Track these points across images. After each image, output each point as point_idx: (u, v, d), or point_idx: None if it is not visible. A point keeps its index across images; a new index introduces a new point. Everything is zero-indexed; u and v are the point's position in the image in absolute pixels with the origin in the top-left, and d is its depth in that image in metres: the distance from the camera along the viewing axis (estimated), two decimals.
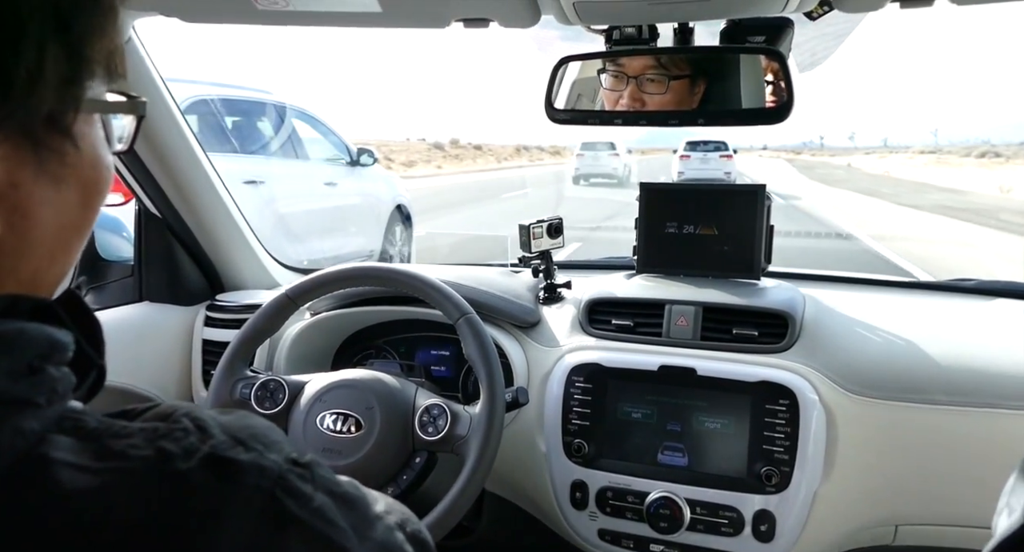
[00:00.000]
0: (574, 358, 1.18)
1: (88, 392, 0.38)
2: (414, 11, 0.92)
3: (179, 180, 1.31)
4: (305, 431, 1.04)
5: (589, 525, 1.14)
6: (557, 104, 1.07)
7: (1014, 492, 0.36)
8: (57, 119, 0.35)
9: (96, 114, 0.39)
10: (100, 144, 0.39)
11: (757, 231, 1.26)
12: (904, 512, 1.06)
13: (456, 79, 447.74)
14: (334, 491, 0.37)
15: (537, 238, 1.33)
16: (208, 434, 0.34)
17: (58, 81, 0.34)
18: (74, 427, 0.33)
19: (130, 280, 1.42)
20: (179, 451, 0.32)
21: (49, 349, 0.34)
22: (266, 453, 0.35)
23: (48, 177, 0.35)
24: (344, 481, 0.39)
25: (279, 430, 0.38)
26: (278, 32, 1.24)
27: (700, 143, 16.63)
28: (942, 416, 1.03)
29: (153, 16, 1.03)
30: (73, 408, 0.34)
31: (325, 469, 0.38)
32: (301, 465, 0.36)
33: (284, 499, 0.33)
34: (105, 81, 0.38)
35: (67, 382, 0.34)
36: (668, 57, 1.03)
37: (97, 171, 0.39)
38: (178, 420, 0.34)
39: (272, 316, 1.12)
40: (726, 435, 1.09)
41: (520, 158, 35.60)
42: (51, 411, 0.33)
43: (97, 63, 0.37)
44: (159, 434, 0.33)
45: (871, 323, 1.19)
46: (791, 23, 0.97)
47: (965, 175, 21.60)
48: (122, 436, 0.33)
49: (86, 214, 0.39)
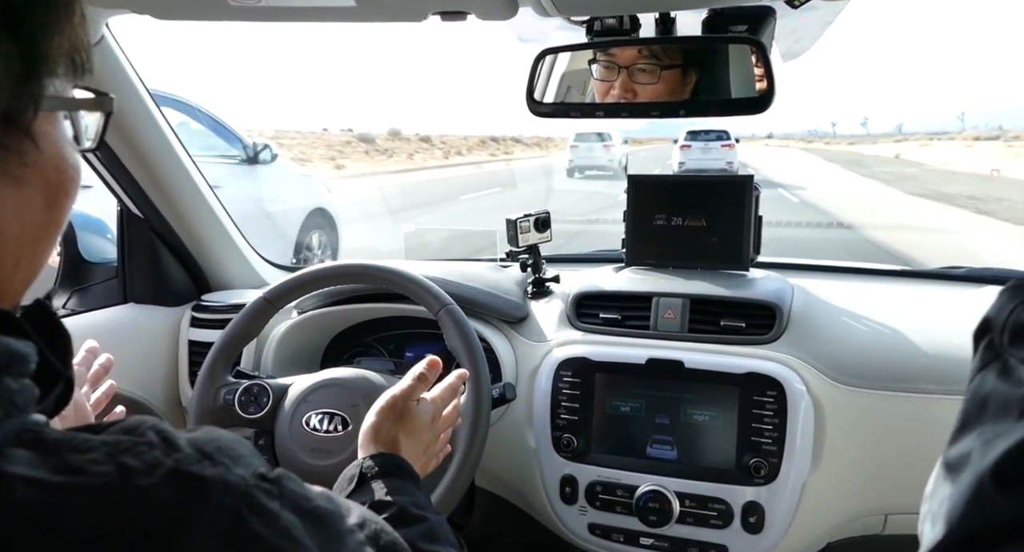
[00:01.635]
0: (562, 352, 1.17)
1: (56, 403, 0.37)
2: (390, 5, 0.91)
3: (160, 180, 1.29)
4: (291, 433, 1.04)
5: (579, 519, 1.13)
6: (545, 97, 1.06)
7: (934, 496, 0.35)
8: (14, 118, 0.34)
9: (60, 112, 0.38)
10: (64, 143, 0.38)
11: (745, 222, 1.25)
12: (893, 501, 1.06)
13: (416, 67, 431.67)
14: (303, 507, 0.36)
15: (524, 233, 1.32)
16: (173, 448, 0.33)
17: (12, 79, 0.33)
18: (34, 440, 0.32)
19: (114, 282, 1.41)
20: (141, 466, 0.32)
21: (7, 360, 0.33)
22: (233, 468, 0.34)
23: (7, 178, 0.34)
24: (316, 494, 0.38)
25: (247, 444, 0.37)
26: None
27: (701, 132, 16.09)
28: (930, 405, 1.03)
29: (125, 14, 1.01)
30: (35, 421, 0.34)
31: (296, 483, 0.37)
32: (269, 480, 0.35)
33: (249, 517, 0.33)
34: (70, 78, 0.37)
35: (28, 394, 0.33)
36: (660, 46, 1.02)
37: (61, 171, 0.38)
38: (143, 433, 0.34)
39: (251, 320, 1.11)
40: (714, 427, 1.08)
41: (483, 152, 31.25)
42: (9, 424, 0.32)
43: (57, 60, 0.36)
44: (121, 448, 0.32)
45: (860, 313, 1.18)
46: (773, 12, 0.96)
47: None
48: (82, 450, 0.32)
49: (52, 215, 0.38)
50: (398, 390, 0.82)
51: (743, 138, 19.09)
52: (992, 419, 0.33)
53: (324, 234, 4.98)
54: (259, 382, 1.08)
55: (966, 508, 0.31)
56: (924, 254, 6.39)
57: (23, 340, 0.34)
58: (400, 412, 0.80)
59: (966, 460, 0.33)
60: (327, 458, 1.01)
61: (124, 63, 1.15)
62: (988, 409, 0.34)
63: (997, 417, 0.33)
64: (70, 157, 0.38)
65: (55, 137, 0.37)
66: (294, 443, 1.03)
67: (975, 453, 0.33)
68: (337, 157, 21.65)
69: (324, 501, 0.38)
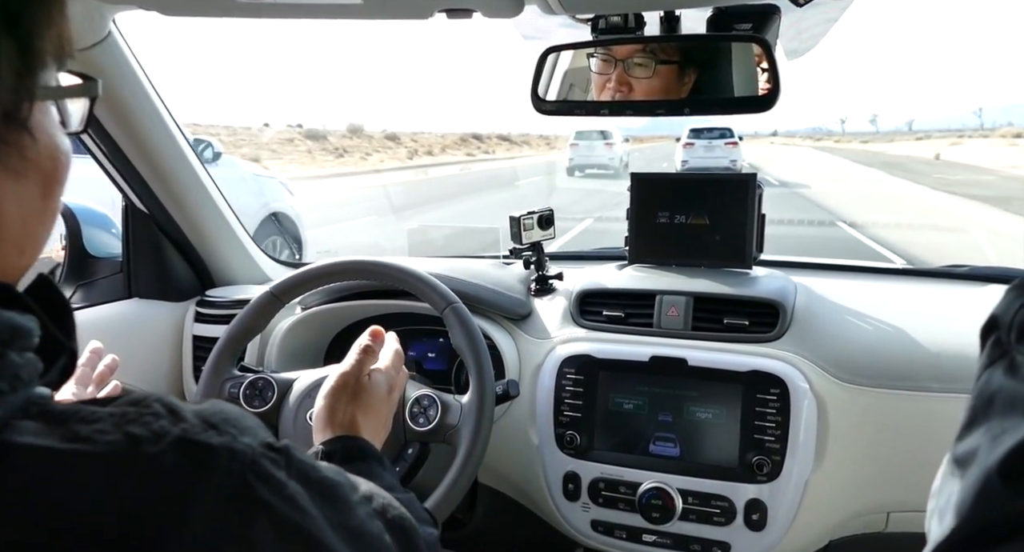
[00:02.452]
0: (565, 350, 1.17)
1: (60, 376, 0.37)
2: (396, 2, 0.91)
3: (165, 175, 1.30)
4: (296, 427, 1.04)
5: (582, 516, 1.14)
6: (547, 95, 1.06)
7: (942, 493, 0.35)
8: (13, 114, 0.34)
9: (48, 100, 0.38)
10: (55, 130, 0.38)
11: (748, 220, 1.25)
12: (896, 499, 1.07)
13: (394, 61, 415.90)
14: (310, 477, 0.36)
15: (528, 230, 1.32)
16: (179, 418, 0.33)
17: (12, 76, 0.33)
18: (41, 412, 0.32)
19: (119, 277, 1.42)
20: (148, 435, 0.32)
21: (10, 335, 0.33)
22: (239, 437, 0.34)
23: (8, 172, 0.35)
24: (324, 466, 0.38)
25: (254, 417, 0.37)
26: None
27: (704, 130, 15.88)
28: (933, 403, 1.03)
29: (133, 10, 1.01)
30: (40, 394, 0.34)
31: (303, 453, 0.37)
32: (276, 450, 0.35)
33: (255, 484, 0.33)
34: (56, 66, 0.38)
35: (32, 368, 0.34)
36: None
37: (55, 160, 0.38)
38: (149, 405, 0.34)
39: (257, 314, 1.11)
40: (717, 425, 1.09)
41: (460, 151, 27.40)
42: (15, 398, 0.32)
43: (48, 52, 0.36)
44: (128, 418, 0.33)
45: (862, 311, 1.18)
46: (778, 10, 0.96)
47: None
48: (90, 421, 0.32)
49: (48, 204, 0.38)
50: (347, 367, 0.78)
51: (745, 136, 18.40)
52: (999, 415, 0.33)
53: (284, 242, 4.50)
54: (264, 376, 1.08)
55: (973, 503, 0.31)
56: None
57: (25, 314, 0.34)
58: (354, 390, 0.76)
59: (973, 456, 0.33)
60: None
61: (131, 59, 1.15)
62: (995, 405, 0.34)
63: (1004, 413, 0.33)
64: (62, 144, 0.39)
65: (47, 125, 0.37)
66: (298, 437, 1.03)
67: (982, 449, 0.33)
68: (266, 158, 18.48)
69: (332, 472, 0.38)
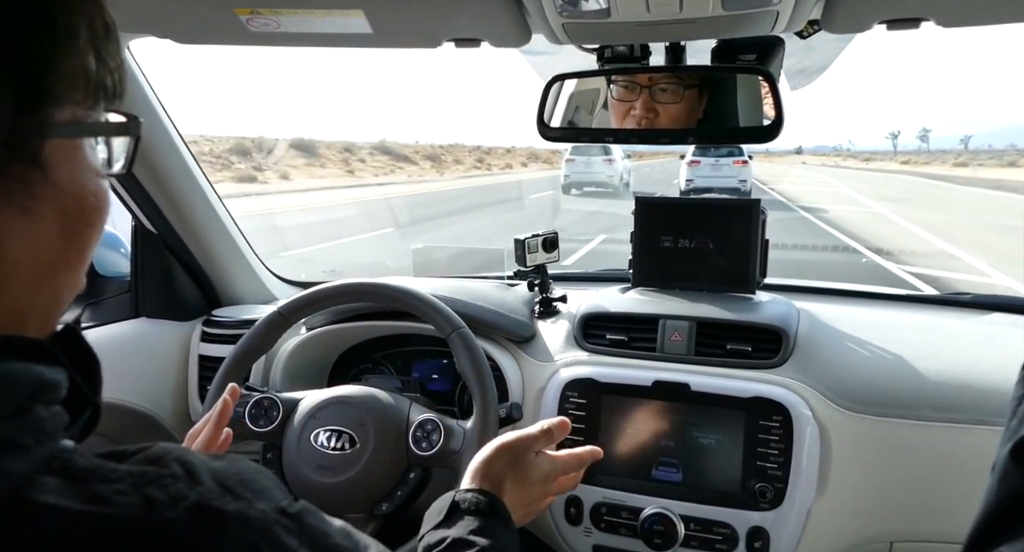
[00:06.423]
0: (568, 373, 1.18)
1: (83, 430, 0.38)
2: (405, 32, 0.93)
3: (175, 197, 1.31)
4: (299, 448, 1.05)
5: (584, 541, 1.13)
6: (554, 120, 1.08)
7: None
8: (16, 148, 0.34)
9: (82, 139, 0.37)
10: (83, 171, 0.38)
11: (752, 245, 1.26)
12: (898, 528, 1.06)
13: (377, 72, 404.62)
14: (321, 544, 0.36)
15: (532, 252, 1.33)
16: (197, 481, 0.34)
17: (9, 111, 0.33)
18: (62, 467, 0.33)
19: (127, 296, 1.43)
20: (165, 498, 0.32)
21: (38, 389, 0.33)
22: (255, 502, 0.34)
23: (16, 209, 0.34)
24: (335, 530, 0.38)
25: (270, 475, 0.38)
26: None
27: (711, 147, 13.51)
28: (934, 433, 1.03)
29: (147, 38, 1.03)
30: (64, 448, 0.34)
31: (316, 518, 0.37)
32: (289, 516, 0.35)
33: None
34: (94, 103, 0.37)
35: (58, 421, 0.34)
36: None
37: (81, 199, 0.37)
38: (168, 464, 0.34)
39: (264, 334, 1.12)
40: (720, 451, 1.09)
41: (401, 174, 24.02)
42: (39, 452, 0.32)
43: (65, 89, 0.35)
44: (147, 479, 0.33)
45: (865, 338, 1.18)
46: (782, 42, 0.98)
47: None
48: (109, 480, 0.33)
49: (71, 245, 0.38)
50: (523, 435, 0.81)
51: (757, 154, 16.32)
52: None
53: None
54: (270, 396, 1.09)
55: (993, 486, 0.36)
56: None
57: (54, 367, 0.34)
58: (515, 457, 0.79)
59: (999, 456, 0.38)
60: (333, 475, 1.02)
61: (144, 85, 1.18)
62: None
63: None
64: (91, 184, 0.38)
65: (72, 165, 0.37)
66: (301, 459, 1.04)
67: (1000, 442, 0.38)
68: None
69: (342, 538, 0.38)
